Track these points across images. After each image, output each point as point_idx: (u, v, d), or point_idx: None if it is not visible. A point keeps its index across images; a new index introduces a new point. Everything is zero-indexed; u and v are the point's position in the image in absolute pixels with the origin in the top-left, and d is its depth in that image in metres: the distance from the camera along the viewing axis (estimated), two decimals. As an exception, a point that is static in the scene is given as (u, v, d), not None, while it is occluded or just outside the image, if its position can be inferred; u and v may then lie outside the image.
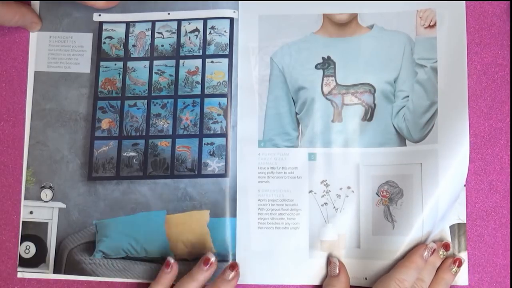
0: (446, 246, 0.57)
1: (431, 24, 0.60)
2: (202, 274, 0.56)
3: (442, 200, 0.57)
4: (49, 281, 0.60)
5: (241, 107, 0.62)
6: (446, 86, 0.59)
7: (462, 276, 0.58)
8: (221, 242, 0.60)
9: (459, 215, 0.59)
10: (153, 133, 0.62)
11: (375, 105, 0.61)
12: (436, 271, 0.57)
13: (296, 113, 0.62)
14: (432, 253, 0.56)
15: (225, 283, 0.56)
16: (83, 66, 0.63)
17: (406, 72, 0.61)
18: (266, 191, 0.60)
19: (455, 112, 0.59)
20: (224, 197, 0.60)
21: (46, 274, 0.60)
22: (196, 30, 0.63)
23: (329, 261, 0.59)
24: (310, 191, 0.60)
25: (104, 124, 0.62)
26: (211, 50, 0.62)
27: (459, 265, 0.56)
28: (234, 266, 0.57)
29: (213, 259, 0.57)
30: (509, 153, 0.60)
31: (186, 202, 0.60)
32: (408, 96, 0.60)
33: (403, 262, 0.56)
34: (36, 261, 0.60)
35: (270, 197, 0.60)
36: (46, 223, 0.61)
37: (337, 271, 0.57)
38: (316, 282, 0.59)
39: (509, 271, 0.58)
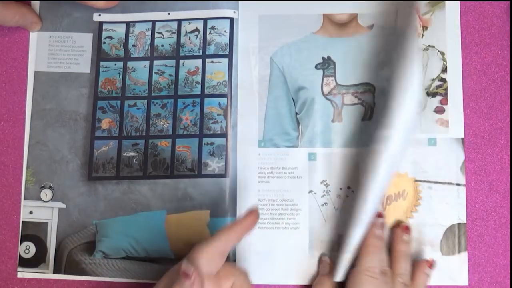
0: (406, 229, 0.56)
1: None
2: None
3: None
4: (49, 281, 0.60)
5: (241, 107, 0.62)
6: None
7: (462, 276, 0.58)
8: (221, 242, 0.60)
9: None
10: (153, 133, 0.62)
11: (375, 104, 0.61)
12: (413, 269, 0.56)
13: (296, 113, 0.62)
14: (382, 228, 0.55)
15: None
16: (83, 66, 0.63)
17: (406, 72, 0.60)
18: (266, 191, 0.60)
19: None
20: (224, 197, 0.60)
21: (46, 274, 0.60)
22: (196, 30, 0.63)
23: (320, 260, 0.59)
24: (310, 191, 0.60)
25: (104, 124, 0.62)
26: (211, 50, 0.62)
27: (431, 266, 0.56)
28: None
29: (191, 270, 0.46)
30: (509, 153, 0.60)
31: (186, 202, 0.60)
32: (408, 96, 0.60)
33: (363, 250, 0.54)
34: (36, 261, 0.60)
35: (270, 197, 0.60)
36: (46, 223, 0.61)
37: (328, 270, 0.57)
38: (316, 282, 0.59)
39: (509, 271, 0.58)
